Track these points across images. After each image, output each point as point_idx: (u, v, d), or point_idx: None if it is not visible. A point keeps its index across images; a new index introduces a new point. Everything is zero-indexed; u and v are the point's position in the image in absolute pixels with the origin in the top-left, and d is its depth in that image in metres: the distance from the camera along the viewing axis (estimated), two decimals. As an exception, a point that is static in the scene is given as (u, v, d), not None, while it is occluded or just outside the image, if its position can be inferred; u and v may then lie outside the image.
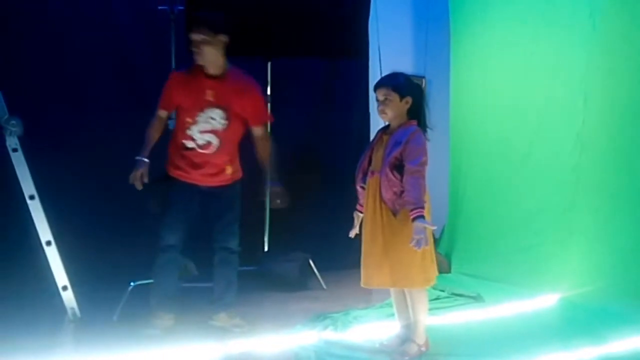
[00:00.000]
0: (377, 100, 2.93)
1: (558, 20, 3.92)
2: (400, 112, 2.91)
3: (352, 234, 3.05)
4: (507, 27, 4.23)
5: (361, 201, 3.03)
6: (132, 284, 3.62)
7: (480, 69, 4.42)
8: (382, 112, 2.93)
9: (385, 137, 2.94)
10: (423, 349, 3.00)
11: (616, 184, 3.59)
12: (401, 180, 2.80)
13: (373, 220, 2.91)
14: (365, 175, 2.96)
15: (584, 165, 3.77)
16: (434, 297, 3.86)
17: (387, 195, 2.85)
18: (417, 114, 2.94)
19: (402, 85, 2.92)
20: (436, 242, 4.77)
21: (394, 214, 2.85)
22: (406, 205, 2.79)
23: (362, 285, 3.01)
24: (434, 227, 2.87)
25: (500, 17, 4.28)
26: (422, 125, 2.96)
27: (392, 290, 3.09)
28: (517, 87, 4.18)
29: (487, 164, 4.37)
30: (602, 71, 3.66)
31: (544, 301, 3.75)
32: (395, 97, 2.88)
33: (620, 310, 3.30)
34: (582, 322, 3.35)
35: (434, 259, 2.98)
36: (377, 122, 4.19)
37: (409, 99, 2.90)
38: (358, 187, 3.02)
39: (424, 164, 2.82)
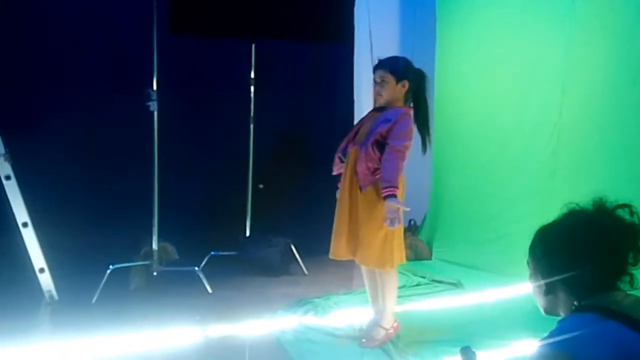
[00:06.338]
0: (375, 81, 2.87)
1: (539, 12, 3.93)
2: (396, 96, 2.85)
3: None
4: (490, 18, 4.23)
5: (334, 171, 2.98)
6: (110, 266, 3.58)
7: (463, 58, 4.42)
8: (377, 94, 2.87)
9: (376, 114, 2.90)
10: (391, 331, 2.97)
11: (592, 172, 3.63)
12: (379, 158, 2.76)
13: (348, 190, 2.87)
14: (348, 146, 2.92)
15: (560, 154, 3.81)
16: (414, 283, 3.89)
17: (360, 168, 2.80)
18: (416, 101, 2.88)
19: (400, 68, 2.85)
20: (418, 229, 4.82)
21: (361, 188, 2.81)
22: (379, 181, 2.74)
23: (330, 256, 2.96)
24: (407, 209, 2.80)
25: (484, 7, 4.28)
26: (423, 115, 2.88)
27: (365, 276, 3.05)
28: (497, 76, 4.20)
29: (468, 152, 4.39)
30: (580, 63, 3.69)
31: (523, 288, 3.78)
32: (391, 79, 2.82)
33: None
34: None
35: (402, 244, 2.92)
36: (361, 107, 4.18)
37: (406, 83, 2.84)
38: (336, 156, 2.97)
39: (407, 147, 2.78)
